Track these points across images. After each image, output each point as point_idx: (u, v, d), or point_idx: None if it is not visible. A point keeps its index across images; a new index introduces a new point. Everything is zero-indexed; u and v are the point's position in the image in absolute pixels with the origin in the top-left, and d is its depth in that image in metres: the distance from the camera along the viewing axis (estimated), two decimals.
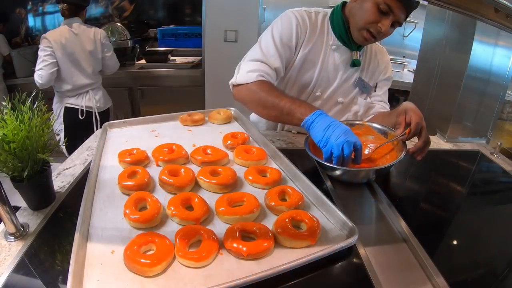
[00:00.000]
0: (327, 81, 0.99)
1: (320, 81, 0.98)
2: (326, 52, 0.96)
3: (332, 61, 0.97)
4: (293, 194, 0.64)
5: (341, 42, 0.95)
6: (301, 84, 0.99)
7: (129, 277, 0.47)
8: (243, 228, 0.54)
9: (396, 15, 0.82)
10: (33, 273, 0.50)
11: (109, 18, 2.81)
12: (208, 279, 0.47)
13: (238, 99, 0.94)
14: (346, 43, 0.95)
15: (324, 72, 0.97)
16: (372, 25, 0.85)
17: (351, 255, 0.55)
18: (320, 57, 0.96)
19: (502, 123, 1.22)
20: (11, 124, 0.58)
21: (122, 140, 0.88)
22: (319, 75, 0.97)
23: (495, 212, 0.76)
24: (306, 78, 0.98)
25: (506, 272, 0.57)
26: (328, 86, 0.99)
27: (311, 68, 0.97)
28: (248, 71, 0.90)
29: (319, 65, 0.96)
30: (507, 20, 0.51)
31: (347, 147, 0.69)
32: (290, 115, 0.81)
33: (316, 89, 1.00)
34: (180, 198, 0.61)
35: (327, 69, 0.97)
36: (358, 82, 1.00)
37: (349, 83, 1.00)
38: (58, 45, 1.75)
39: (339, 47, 0.96)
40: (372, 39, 0.88)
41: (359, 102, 1.03)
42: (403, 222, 0.64)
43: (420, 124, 0.77)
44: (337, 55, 0.96)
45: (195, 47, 2.64)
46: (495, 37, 1.05)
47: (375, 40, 0.89)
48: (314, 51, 0.95)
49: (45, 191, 0.66)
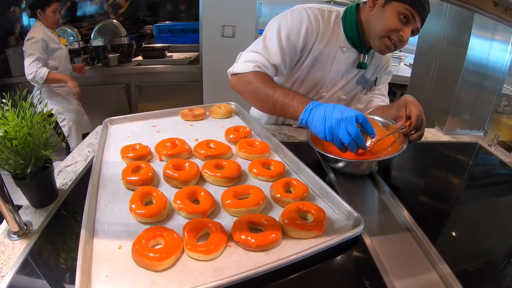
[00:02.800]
0: (334, 82, 0.98)
1: (328, 82, 0.98)
2: (337, 54, 0.94)
3: (341, 63, 0.95)
4: (298, 185, 0.64)
5: (351, 44, 0.94)
6: (310, 85, 0.98)
7: (138, 272, 0.47)
8: (250, 220, 0.54)
9: (415, 22, 0.82)
10: (38, 272, 0.49)
11: (104, 15, 2.77)
12: (218, 271, 0.47)
13: (234, 89, 0.93)
14: (356, 45, 0.94)
15: (332, 73, 0.96)
16: (394, 33, 0.83)
17: (357, 244, 0.56)
18: (330, 58, 0.94)
19: (499, 116, 1.24)
20: (13, 121, 0.57)
21: (124, 136, 0.88)
22: (328, 76, 0.97)
23: (494, 202, 0.78)
24: (316, 78, 0.97)
25: (506, 260, 0.58)
26: (333, 86, 0.99)
27: (321, 69, 0.96)
28: (246, 61, 0.88)
29: (328, 66, 0.95)
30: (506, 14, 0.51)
31: (351, 128, 0.67)
32: (283, 110, 0.80)
33: (324, 89, 0.99)
34: (186, 192, 0.61)
35: (336, 70, 0.96)
36: (360, 79, 1.00)
37: (353, 81, 1.01)
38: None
39: (349, 49, 0.94)
40: (393, 48, 0.86)
41: (361, 99, 1.03)
42: (406, 212, 0.65)
43: (420, 117, 0.78)
44: (345, 57, 0.95)
45: (192, 43, 2.62)
46: (492, 31, 1.06)
47: (395, 49, 0.87)
48: (325, 52, 0.93)
49: (47, 188, 0.65)
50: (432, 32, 1.33)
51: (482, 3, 0.53)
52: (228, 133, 0.86)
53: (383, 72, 1.06)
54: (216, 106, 1.03)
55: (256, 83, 0.85)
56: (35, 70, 1.77)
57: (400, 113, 0.82)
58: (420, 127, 0.79)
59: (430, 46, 1.34)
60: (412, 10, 0.80)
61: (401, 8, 0.80)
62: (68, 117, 2.00)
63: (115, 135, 0.89)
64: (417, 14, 0.81)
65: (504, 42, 1.07)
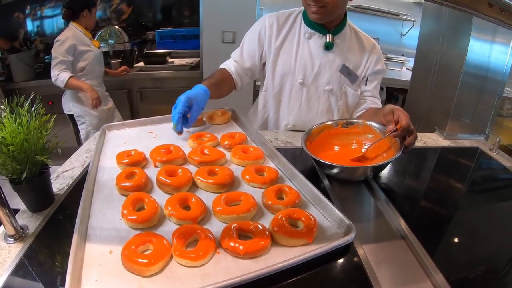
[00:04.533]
0: (305, 68, 1.03)
1: (298, 67, 1.03)
2: (300, 41, 1.02)
3: (307, 49, 1.02)
4: (290, 192, 0.64)
5: (314, 30, 1.01)
6: (280, 73, 1.05)
7: (127, 276, 0.48)
8: (240, 227, 0.54)
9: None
10: (33, 274, 0.51)
11: (107, 21, 2.82)
12: (205, 277, 0.47)
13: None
14: (318, 29, 1.00)
15: (301, 59, 1.02)
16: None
17: (348, 253, 0.55)
18: (294, 46, 1.02)
19: (501, 119, 1.22)
20: (10, 127, 0.58)
21: (120, 142, 0.89)
22: (296, 62, 1.03)
23: (495, 209, 0.76)
24: (283, 66, 1.04)
25: (505, 269, 0.57)
26: (308, 73, 1.03)
27: (286, 58, 1.04)
28: (221, 64, 1.08)
29: (293, 53, 1.03)
30: (502, 15, 0.51)
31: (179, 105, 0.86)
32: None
33: (297, 76, 1.03)
34: (177, 198, 0.61)
35: (303, 56, 1.02)
36: (342, 68, 1.03)
37: (332, 69, 1.02)
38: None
39: (312, 35, 1.01)
40: (316, 9, 0.91)
41: (348, 92, 1.05)
42: (401, 220, 0.64)
43: (410, 124, 0.77)
44: (311, 42, 1.01)
45: (193, 48, 2.64)
46: (492, 34, 1.04)
47: (324, 10, 0.91)
48: (286, 44, 1.03)
49: (44, 193, 0.66)
50: (431, 35, 1.32)
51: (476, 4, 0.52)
52: (223, 139, 0.87)
53: (371, 71, 1.05)
54: (213, 112, 1.03)
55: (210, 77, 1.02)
56: (57, 73, 1.79)
57: (388, 118, 0.81)
58: (412, 132, 0.78)
59: (430, 49, 1.33)
60: None
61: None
62: (88, 121, 2.01)
63: (112, 140, 0.90)
64: None
65: (504, 44, 1.05)
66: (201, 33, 2.15)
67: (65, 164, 0.85)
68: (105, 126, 0.96)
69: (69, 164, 0.85)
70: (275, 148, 0.81)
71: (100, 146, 0.86)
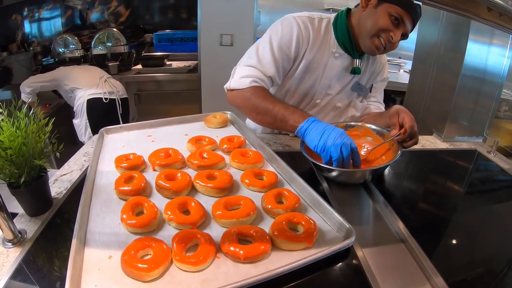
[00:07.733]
0: (327, 88, 0.98)
1: (321, 88, 0.98)
2: (329, 60, 0.94)
3: (333, 69, 0.95)
4: (289, 196, 0.64)
5: (343, 50, 0.94)
6: (303, 93, 0.98)
7: (126, 282, 0.47)
8: (240, 231, 0.54)
9: (405, 26, 0.83)
10: (31, 279, 0.50)
11: (105, 24, 2.82)
12: (206, 283, 0.47)
13: (232, 104, 0.94)
14: (349, 50, 0.94)
15: (325, 79, 0.96)
16: (384, 32, 0.83)
17: (348, 256, 0.55)
18: (322, 65, 0.94)
19: (498, 121, 1.23)
20: (7, 130, 0.58)
21: (119, 145, 0.88)
22: (320, 83, 0.97)
23: (493, 211, 0.76)
24: (308, 86, 0.97)
25: (504, 271, 0.57)
26: (327, 93, 0.99)
27: (312, 76, 0.96)
28: (242, 77, 0.89)
29: (320, 73, 0.95)
30: (500, 19, 0.51)
31: (345, 149, 0.70)
32: (284, 122, 0.82)
33: (317, 96, 0.99)
34: (176, 203, 0.61)
35: (328, 76, 0.96)
36: (355, 86, 1.00)
37: (347, 88, 1.00)
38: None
39: (341, 55, 0.94)
40: (382, 49, 0.86)
41: (356, 106, 1.03)
42: (401, 223, 0.64)
43: (413, 126, 0.78)
44: (338, 63, 0.95)
45: (191, 51, 2.65)
46: (490, 36, 1.05)
47: (384, 51, 0.88)
48: (316, 59, 0.94)
49: (42, 197, 0.66)
50: (429, 38, 1.33)
51: (476, 9, 0.53)
52: (222, 143, 0.87)
53: (379, 79, 1.06)
54: (211, 115, 1.03)
55: (255, 98, 0.86)
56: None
57: (393, 121, 0.82)
58: (414, 135, 0.79)
59: (428, 52, 1.34)
60: (404, 12, 0.80)
61: (392, 10, 0.81)
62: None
63: (111, 144, 0.90)
64: (408, 17, 0.81)
65: (502, 47, 1.06)
66: (199, 36, 2.15)
67: (63, 168, 0.84)
68: (104, 129, 0.96)
69: (67, 167, 0.85)
70: (274, 151, 0.81)
71: (99, 150, 0.85)
